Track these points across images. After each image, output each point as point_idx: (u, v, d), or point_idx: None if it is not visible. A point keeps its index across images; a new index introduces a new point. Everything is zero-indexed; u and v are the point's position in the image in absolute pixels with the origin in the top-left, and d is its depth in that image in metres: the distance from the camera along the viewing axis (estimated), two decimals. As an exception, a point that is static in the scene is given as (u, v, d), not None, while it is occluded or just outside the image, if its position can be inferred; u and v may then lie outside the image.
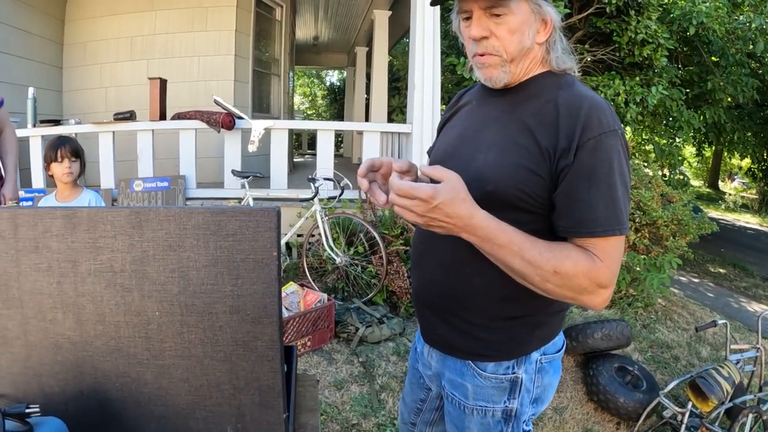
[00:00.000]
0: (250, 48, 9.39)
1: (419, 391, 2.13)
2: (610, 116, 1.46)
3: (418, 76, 6.64)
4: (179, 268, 1.08)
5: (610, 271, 1.45)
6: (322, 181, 5.98)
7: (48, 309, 1.16)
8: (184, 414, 1.15)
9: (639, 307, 5.95)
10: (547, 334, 1.75)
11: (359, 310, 5.18)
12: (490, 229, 1.43)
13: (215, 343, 1.10)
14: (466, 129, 1.77)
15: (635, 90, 8.44)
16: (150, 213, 1.09)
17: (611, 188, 1.43)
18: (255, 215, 1.06)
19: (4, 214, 1.18)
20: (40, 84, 8.18)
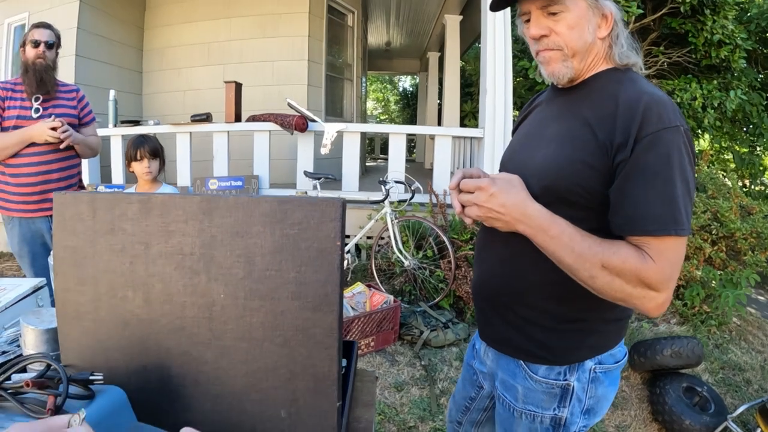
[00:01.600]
0: (322, 53, 9.52)
1: (470, 389, 2.14)
2: (671, 112, 1.43)
3: (489, 81, 6.61)
4: (245, 253, 1.12)
5: (662, 273, 1.40)
6: (393, 183, 6.01)
7: (119, 287, 1.21)
8: (240, 394, 1.18)
9: (712, 325, 5.68)
10: (602, 342, 1.72)
11: (425, 313, 5.19)
12: (542, 219, 1.48)
13: (275, 327, 1.13)
14: (531, 128, 1.81)
15: (713, 94, 8.17)
16: (219, 201, 1.14)
17: (669, 185, 1.39)
18: (320, 205, 1.08)
19: (85, 198, 1.24)
20: (121, 87, 8.51)
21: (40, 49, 3.73)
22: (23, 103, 3.74)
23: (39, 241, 3.88)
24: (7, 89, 3.75)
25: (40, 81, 3.74)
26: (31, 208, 3.78)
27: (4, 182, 3.75)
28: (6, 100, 3.71)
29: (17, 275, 7.06)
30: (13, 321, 2.04)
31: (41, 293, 2.23)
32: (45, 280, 2.27)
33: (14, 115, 3.69)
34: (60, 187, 3.83)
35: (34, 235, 3.85)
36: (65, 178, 3.87)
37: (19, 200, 3.74)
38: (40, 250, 3.91)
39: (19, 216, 3.80)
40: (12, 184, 3.71)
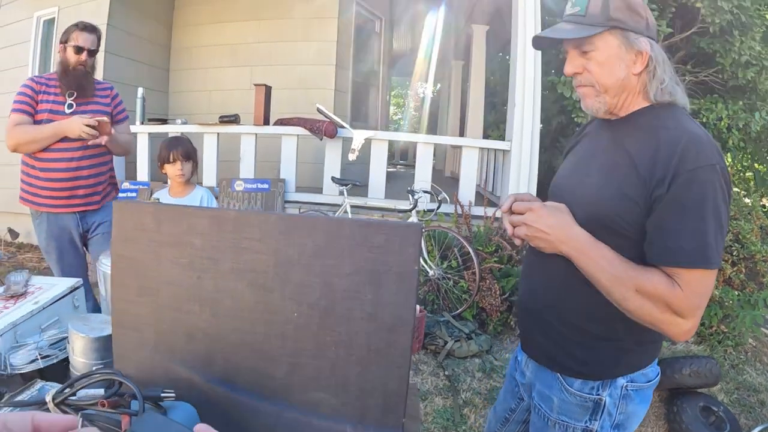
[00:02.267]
0: (350, 59, 9.53)
1: (511, 400, 2.23)
2: (709, 151, 1.51)
3: (518, 94, 6.59)
4: (323, 273, 1.12)
5: (688, 301, 1.51)
6: (420, 193, 6.01)
7: (184, 300, 1.20)
8: (309, 410, 1.18)
9: (729, 345, 5.64)
10: (635, 362, 1.79)
11: (448, 323, 5.18)
12: (584, 242, 1.62)
13: (349, 347, 1.13)
14: (580, 157, 1.93)
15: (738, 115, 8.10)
16: (298, 221, 1.14)
17: (701, 222, 1.49)
18: (401, 230, 1.09)
19: (148, 208, 1.23)
20: (147, 84, 8.55)
21: (83, 57, 3.73)
22: (56, 98, 3.73)
23: (66, 237, 3.88)
24: (41, 83, 3.75)
25: (80, 86, 3.75)
26: (60, 203, 3.77)
27: (33, 176, 3.75)
28: (40, 94, 3.71)
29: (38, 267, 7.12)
30: (50, 321, 2.03)
31: (77, 293, 2.23)
32: (81, 281, 2.27)
33: (46, 109, 3.69)
34: (90, 184, 3.83)
35: (62, 231, 3.85)
36: (95, 176, 3.86)
37: (48, 195, 3.74)
38: (68, 247, 3.91)
39: (47, 211, 3.79)
40: (41, 178, 3.71)
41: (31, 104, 3.68)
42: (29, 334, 1.91)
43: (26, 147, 3.64)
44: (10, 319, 1.88)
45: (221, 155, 7.36)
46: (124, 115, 4.12)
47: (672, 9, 7.50)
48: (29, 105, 3.67)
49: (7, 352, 1.75)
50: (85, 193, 3.81)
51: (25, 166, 3.79)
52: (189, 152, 3.89)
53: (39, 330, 1.97)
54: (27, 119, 3.65)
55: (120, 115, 4.06)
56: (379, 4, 10.79)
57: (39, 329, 1.97)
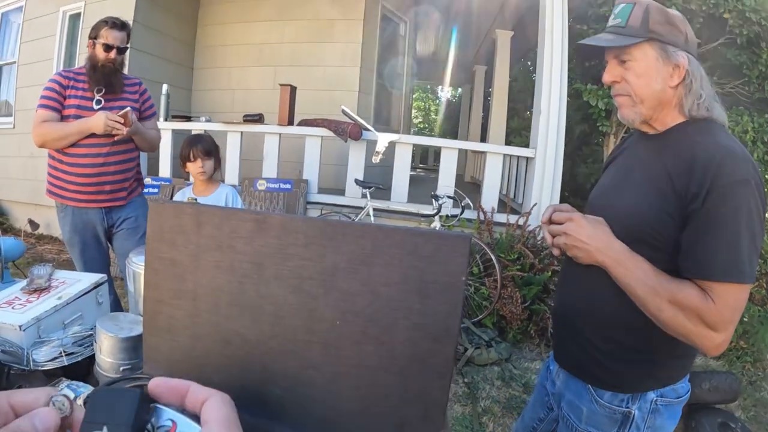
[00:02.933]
0: (375, 61, 9.55)
1: (540, 410, 2.25)
2: (744, 166, 1.54)
3: (544, 102, 6.58)
4: (369, 281, 1.09)
5: (720, 315, 1.52)
6: (444, 198, 5.99)
7: (223, 305, 1.18)
8: (347, 419, 1.16)
9: (748, 361, 5.61)
10: (666, 376, 1.81)
11: (468, 330, 5.17)
12: (622, 253, 1.66)
13: (392, 356, 1.11)
14: (619, 170, 1.97)
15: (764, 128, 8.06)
16: (346, 227, 1.11)
17: (735, 236, 1.51)
18: (450, 240, 1.06)
19: (188, 210, 1.21)
20: (172, 82, 8.63)
21: (112, 54, 3.74)
22: (85, 94, 3.75)
23: (90, 231, 3.89)
24: (69, 78, 3.76)
25: (108, 83, 3.76)
26: (85, 198, 3.78)
27: (61, 170, 3.76)
28: (68, 89, 3.73)
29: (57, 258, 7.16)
30: (73, 317, 2.02)
31: (101, 290, 2.23)
32: (105, 277, 2.27)
33: (74, 104, 3.71)
34: (116, 180, 3.84)
35: (86, 225, 3.86)
36: (121, 171, 3.87)
37: (74, 189, 3.75)
38: (91, 241, 3.92)
39: (73, 205, 3.81)
40: (69, 173, 3.73)
41: (58, 100, 3.70)
42: (52, 330, 1.91)
43: (53, 144, 3.66)
44: (34, 313, 1.88)
45: (244, 154, 7.39)
46: (153, 111, 4.14)
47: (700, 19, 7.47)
48: (56, 101, 3.69)
49: (29, 347, 1.74)
50: (112, 189, 3.83)
51: (52, 160, 3.82)
52: (209, 149, 3.87)
53: (62, 325, 1.97)
54: (53, 115, 3.67)
55: (148, 111, 4.08)
56: (405, 7, 10.81)
57: (62, 325, 1.97)
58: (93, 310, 2.15)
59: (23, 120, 8.92)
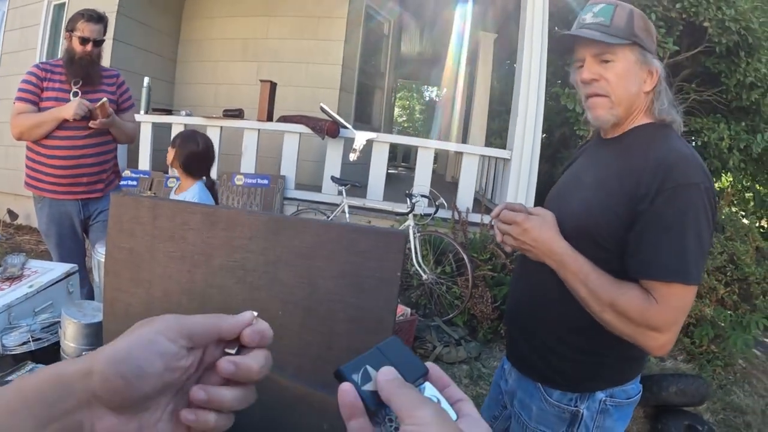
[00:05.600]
0: (357, 59, 9.56)
1: (495, 408, 2.24)
2: (694, 170, 1.56)
3: (522, 104, 6.63)
4: (308, 275, 1.15)
5: (664, 315, 1.53)
6: (418, 197, 6.03)
7: (175, 293, 1.23)
8: (290, 405, 1.21)
9: (718, 365, 5.60)
10: (615, 377, 1.81)
11: (439, 328, 5.20)
12: (565, 257, 1.66)
13: (330, 347, 1.16)
14: (575, 173, 1.99)
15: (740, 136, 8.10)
16: (288, 222, 1.17)
17: (681, 238, 1.52)
18: (386, 237, 1.12)
19: (145, 202, 1.26)
20: (155, 74, 8.60)
21: (89, 47, 3.74)
22: (62, 86, 3.75)
23: (67, 222, 3.90)
24: (46, 70, 3.76)
25: (86, 75, 3.77)
26: (62, 189, 3.79)
27: (38, 162, 3.77)
28: (45, 81, 3.73)
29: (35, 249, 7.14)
30: (44, 305, 2.07)
31: (72, 279, 2.26)
32: (77, 266, 2.31)
33: (52, 97, 3.72)
34: (93, 171, 3.85)
35: (63, 217, 3.87)
36: (99, 164, 3.88)
37: (51, 181, 3.75)
38: (68, 232, 3.93)
39: (49, 197, 3.81)
40: (45, 164, 3.72)
41: (35, 92, 3.71)
42: (23, 317, 1.94)
43: (29, 134, 3.67)
44: (5, 300, 1.91)
45: (223, 149, 7.36)
46: (130, 103, 4.13)
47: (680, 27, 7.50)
48: (33, 93, 3.71)
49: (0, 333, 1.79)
50: (89, 180, 3.84)
51: (30, 152, 3.82)
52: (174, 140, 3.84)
53: (33, 313, 2.00)
54: (30, 108, 3.68)
55: (126, 103, 4.07)
56: (389, 6, 10.81)
57: (33, 312, 2.01)
58: (64, 299, 2.18)
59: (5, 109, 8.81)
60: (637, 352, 1.76)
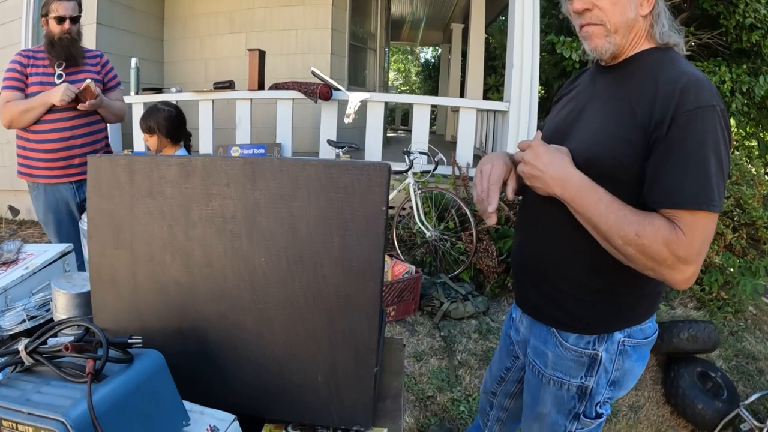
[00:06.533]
0: (346, 22, 9.45)
1: (506, 359, 2.22)
2: (708, 92, 1.46)
3: (516, 54, 6.50)
4: (289, 218, 1.10)
5: (691, 246, 1.44)
6: (416, 154, 5.94)
7: (157, 251, 1.20)
8: (279, 361, 1.18)
9: (729, 312, 5.55)
10: (633, 315, 1.76)
11: (445, 285, 5.17)
12: (582, 184, 1.56)
13: (317, 295, 1.12)
14: (576, 105, 1.84)
15: (742, 79, 7.98)
16: (264, 164, 1.12)
17: (703, 163, 1.43)
18: (367, 170, 1.06)
19: (122, 161, 1.23)
20: (142, 55, 8.52)
21: (66, 25, 3.68)
22: (46, 70, 3.71)
23: (64, 207, 3.88)
24: (29, 57, 3.73)
25: (69, 55, 3.73)
26: (56, 173, 3.77)
27: (29, 149, 3.75)
28: (28, 67, 3.70)
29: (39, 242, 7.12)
30: (41, 286, 2.04)
31: (68, 258, 2.24)
32: (72, 246, 2.28)
33: (37, 81, 3.68)
34: (84, 152, 3.81)
35: (59, 202, 3.85)
36: (90, 143, 3.85)
37: (44, 166, 3.74)
38: (66, 218, 3.91)
39: (44, 182, 3.79)
40: (37, 150, 3.71)
41: (20, 79, 3.68)
42: (20, 299, 1.92)
43: (19, 120, 3.64)
44: (1, 284, 1.90)
45: (217, 122, 7.33)
46: (116, 82, 4.09)
47: (677, -32, 7.37)
48: (19, 80, 3.67)
49: (-3, 315, 1.77)
50: (81, 162, 3.81)
51: (20, 140, 3.80)
52: (150, 126, 3.82)
53: (30, 294, 1.98)
54: (18, 95, 3.66)
55: (111, 82, 4.04)
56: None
57: (30, 293, 1.99)
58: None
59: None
60: (653, 287, 1.73)
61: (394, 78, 34.08)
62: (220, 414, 1.11)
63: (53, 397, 0.88)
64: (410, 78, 34.83)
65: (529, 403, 2.00)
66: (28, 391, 0.90)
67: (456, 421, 3.66)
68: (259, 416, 1.27)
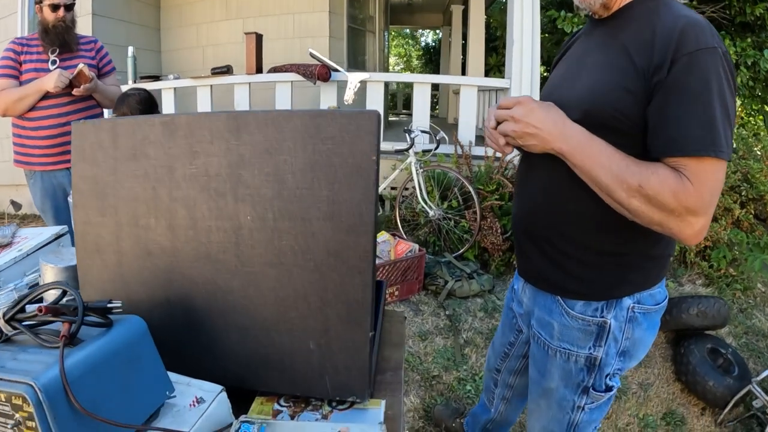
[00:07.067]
0: (344, 5, 9.38)
1: (510, 333, 2.16)
2: (708, 34, 1.38)
3: (516, 31, 6.42)
4: (275, 172, 1.05)
5: (699, 196, 1.37)
6: (418, 132, 5.86)
7: (141, 215, 1.16)
8: (268, 326, 1.13)
9: (737, 288, 5.40)
10: (642, 279, 1.67)
11: (449, 264, 5.12)
12: (580, 138, 1.48)
13: (306, 251, 1.07)
14: (571, 62, 1.77)
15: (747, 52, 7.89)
16: (248, 117, 1.07)
17: (707, 107, 1.35)
18: (355, 118, 1.01)
19: (105, 125, 1.18)
20: (139, 44, 8.49)
21: (60, 13, 3.66)
22: (40, 57, 3.71)
23: (61, 194, 3.87)
24: (22, 44, 3.73)
25: (63, 42, 3.70)
26: (52, 160, 3.75)
27: (25, 137, 3.74)
28: (22, 55, 3.69)
29: (39, 230, 7.11)
30: (35, 268, 2.02)
31: (63, 240, 2.23)
32: (66, 228, 2.26)
33: (31, 68, 3.68)
34: (81, 138, 3.78)
35: (56, 189, 3.84)
36: None
37: (40, 153, 3.72)
38: (63, 204, 3.90)
39: (40, 170, 3.78)
40: (33, 137, 3.70)
41: (14, 67, 3.67)
42: (12, 281, 1.90)
43: (14, 108, 3.64)
44: None
45: (216, 108, 7.28)
46: (111, 67, 4.07)
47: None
48: (13, 68, 3.67)
49: (-13, 297, 1.74)
50: None
51: (15, 128, 3.80)
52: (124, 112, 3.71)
53: (23, 276, 1.96)
54: (12, 83, 3.65)
55: (106, 68, 4.02)
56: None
57: (23, 275, 1.96)
58: (54, 260, 2.16)
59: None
60: (663, 248, 1.66)
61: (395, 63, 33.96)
62: (207, 385, 1.06)
63: (27, 363, 0.84)
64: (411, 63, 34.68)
65: (536, 378, 1.93)
66: (4, 359, 0.86)
67: (462, 401, 3.62)
68: (249, 388, 1.21)
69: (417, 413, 3.47)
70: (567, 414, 1.85)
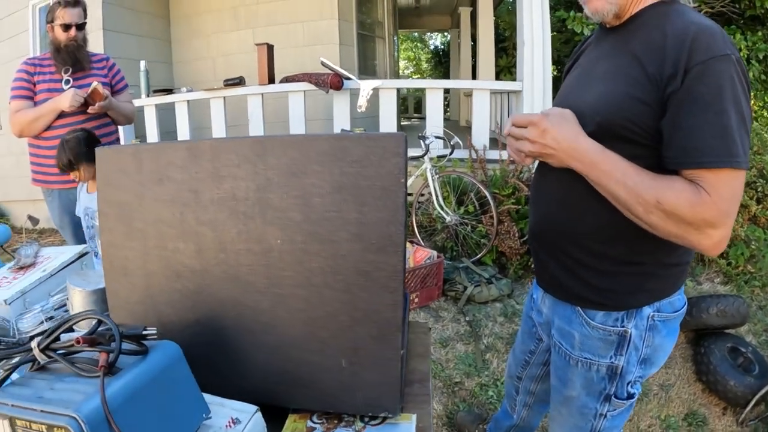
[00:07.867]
0: (353, 11, 9.38)
1: (530, 342, 2.16)
2: (721, 41, 1.36)
3: (527, 32, 6.39)
4: (302, 194, 1.06)
5: (717, 208, 1.35)
6: (432, 138, 5.85)
7: (169, 239, 1.17)
8: (298, 344, 1.14)
9: (756, 286, 5.36)
10: (660, 288, 1.67)
11: (468, 269, 5.11)
12: (594, 154, 1.47)
13: (336, 272, 1.07)
14: (582, 69, 1.77)
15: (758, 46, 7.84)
16: (274, 141, 1.08)
17: (721, 116, 1.33)
18: (382, 140, 1.01)
19: (128, 150, 1.20)
20: (150, 57, 8.56)
21: (72, 33, 3.68)
22: (53, 76, 3.73)
23: (80, 210, 3.89)
24: (35, 64, 3.75)
25: (75, 60, 3.73)
26: (70, 178, 3.76)
27: (42, 156, 3.77)
28: (35, 75, 3.72)
29: (59, 247, 7.14)
30: (59, 288, 2.03)
31: (86, 259, 2.24)
32: (89, 246, 2.28)
33: (45, 89, 3.70)
34: (96, 156, 3.80)
35: (74, 206, 3.86)
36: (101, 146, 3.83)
37: (57, 171, 3.73)
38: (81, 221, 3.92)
39: (58, 188, 3.81)
40: (49, 156, 3.70)
41: (29, 88, 3.70)
42: (38, 301, 1.92)
43: (29, 128, 3.68)
44: (19, 287, 1.91)
45: (230, 120, 7.35)
46: (124, 84, 4.09)
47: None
48: (27, 89, 3.70)
49: (15, 318, 1.75)
50: None
51: (32, 148, 3.83)
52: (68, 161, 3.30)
53: (48, 296, 1.97)
54: (27, 104, 3.68)
55: (119, 85, 4.04)
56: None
57: (48, 296, 1.97)
58: (76, 278, 2.17)
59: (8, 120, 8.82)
60: (681, 257, 1.65)
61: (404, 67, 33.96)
62: (241, 405, 1.07)
63: (66, 392, 0.85)
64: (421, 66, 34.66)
65: (557, 387, 1.93)
66: (41, 389, 0.87)
67: (485, 407, 3.62)
68: (281, 406, 1.22)
69: (440, 420, 3.47)
70: (589, 421, 1.85)
